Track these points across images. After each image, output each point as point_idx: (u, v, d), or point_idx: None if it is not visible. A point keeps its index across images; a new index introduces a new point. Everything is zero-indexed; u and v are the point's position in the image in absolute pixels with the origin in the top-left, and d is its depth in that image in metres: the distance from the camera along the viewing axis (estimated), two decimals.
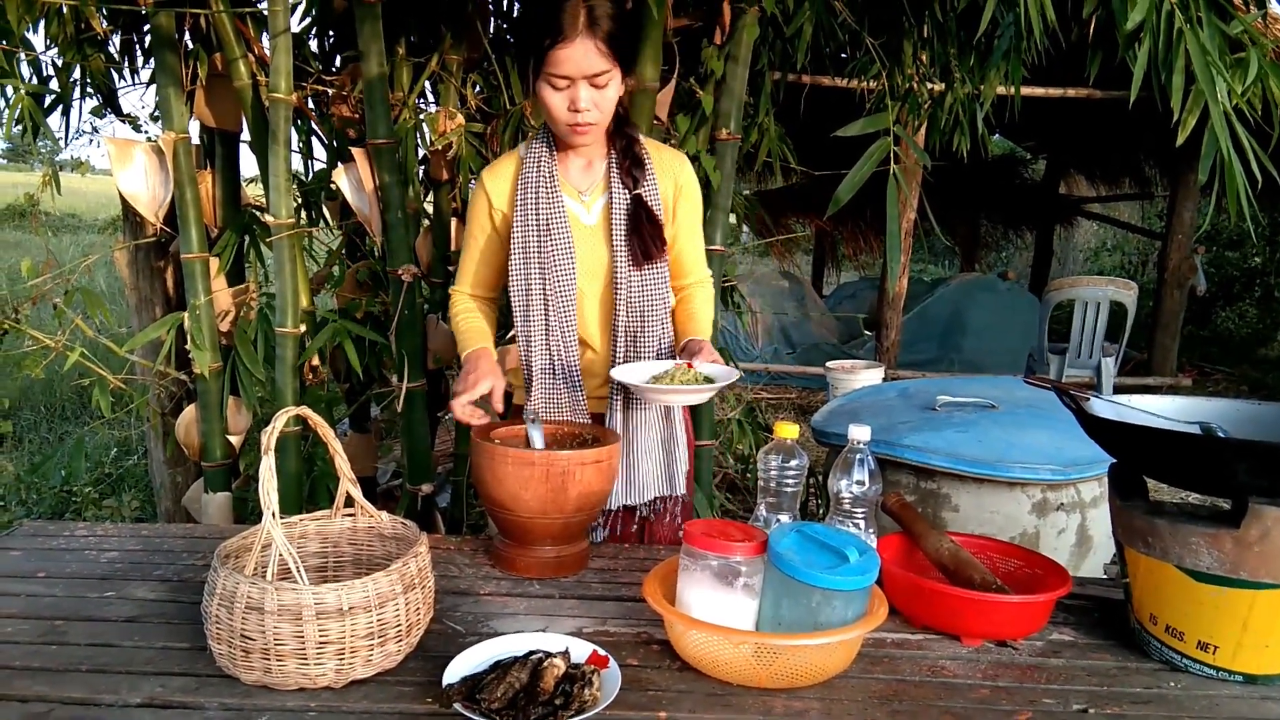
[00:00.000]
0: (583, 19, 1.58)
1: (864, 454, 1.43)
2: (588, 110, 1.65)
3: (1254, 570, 1.19)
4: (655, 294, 1.79)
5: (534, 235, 1.76)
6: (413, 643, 1.27)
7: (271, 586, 1.15)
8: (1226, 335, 9.93)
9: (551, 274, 1.76)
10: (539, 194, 1.76)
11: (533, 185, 1.77)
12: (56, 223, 14.87)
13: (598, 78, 1.62)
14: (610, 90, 1.66)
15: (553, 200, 1.76)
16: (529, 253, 1.77)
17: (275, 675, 1.16)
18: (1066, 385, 1.43)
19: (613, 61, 1.63)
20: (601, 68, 1.61)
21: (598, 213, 1.80)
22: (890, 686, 1.23)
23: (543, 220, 1.76)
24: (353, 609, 1.17)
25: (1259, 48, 1.81)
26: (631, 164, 1.77)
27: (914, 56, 2.79)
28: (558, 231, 1.76)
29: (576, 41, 1.59)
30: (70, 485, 4.21)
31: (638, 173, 1.77)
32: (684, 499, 1.92)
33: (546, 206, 1.76)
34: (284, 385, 2.44)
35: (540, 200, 1.76)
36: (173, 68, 2.47)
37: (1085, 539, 2.29)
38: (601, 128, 1.72)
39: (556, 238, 1.76)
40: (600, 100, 1.66)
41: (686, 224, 1.87)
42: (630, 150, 1.78)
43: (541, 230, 1.76)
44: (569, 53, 1.59)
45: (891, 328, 6.37)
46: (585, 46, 1.59)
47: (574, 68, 1.61)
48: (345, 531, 1.46)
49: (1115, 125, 7.24)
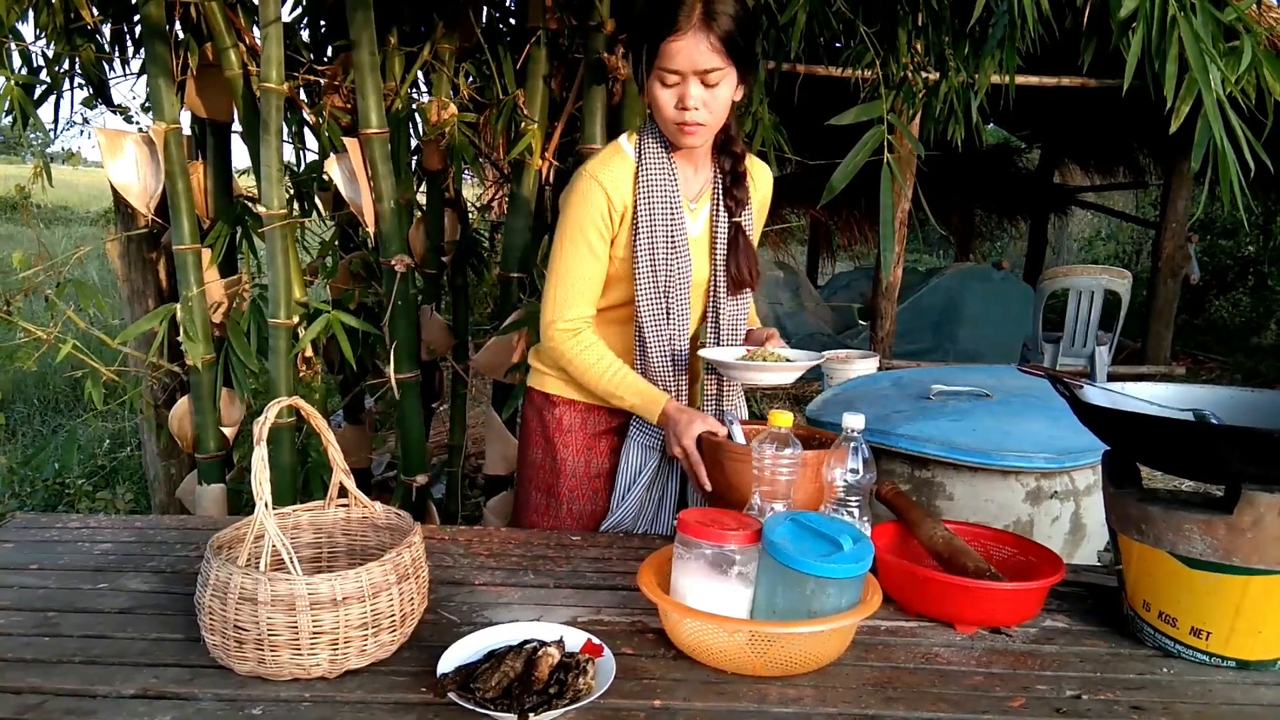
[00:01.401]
0: (699, 12, 1.52)
1: (859, 443, 1.43)
2: (697, 109, 1.58)
3: (1247, 556, 1.20)
4: (743, 313, 1.82)
5: (661, 240, 1.69)
6: (407, 633, 1.26)
7: (265, 577, 1.14)
8: (1220, 324, 9.96)
9: (674, 284, 1.71)
10: (663, 199, 1.69)
11: (657, 189, 1.68)
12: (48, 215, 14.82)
13: (709, 74, 1.55)
14: (723, 90, 1.59)
15: (674, 207, 1.70)
16: (655, 259, 1.70)
17: (269, 666, 1.16)
18: (1061, 373, 1.44)
19: (727, 60, 1.55)
20: (714, 64, 1.54)
21: (702, 223, 1.77)
22: (884, 674, 1.23)
23: (668, 227, 1.69)
24: (346, 599, 1.16)
25: (1252, 36, 1.80)
26: (735, 186, 1.74)
27: (908, 45, 2.78)
28: (679, 240, 1.70)
29: (689, 35, 1.52)
30: (63, 477, 4.20)
31: (741, 195, 1.74)
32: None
33: (670, 214, 1.69)
34: (277, 377, 2.43)
35: (665, 206, 1.69)
36: (163, 58, 2.45)
37: (1079, 526, 2.29)
38: (711, 129, 1.64)
39: (678, 246, 1.70)
40: (711, 100, 1.59)
41: (758, 232, 1.87)
42: (735, 170, 1.74)
43: (667, 237, 1.69)
44: (681, 46, 1.53)
45: (886, 317, 6.37)
46: (698, 40, 1.53)
47: (686, 62, 1.54)
48: (339, 522, 1.46)
49: (1109, 114, 7.25)
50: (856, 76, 2.95)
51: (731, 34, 1.54)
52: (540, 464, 1.89)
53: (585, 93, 2.53)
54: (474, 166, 2.85)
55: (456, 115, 2.56)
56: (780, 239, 10.51)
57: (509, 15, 2.99)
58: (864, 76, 2.90)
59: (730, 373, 1.75)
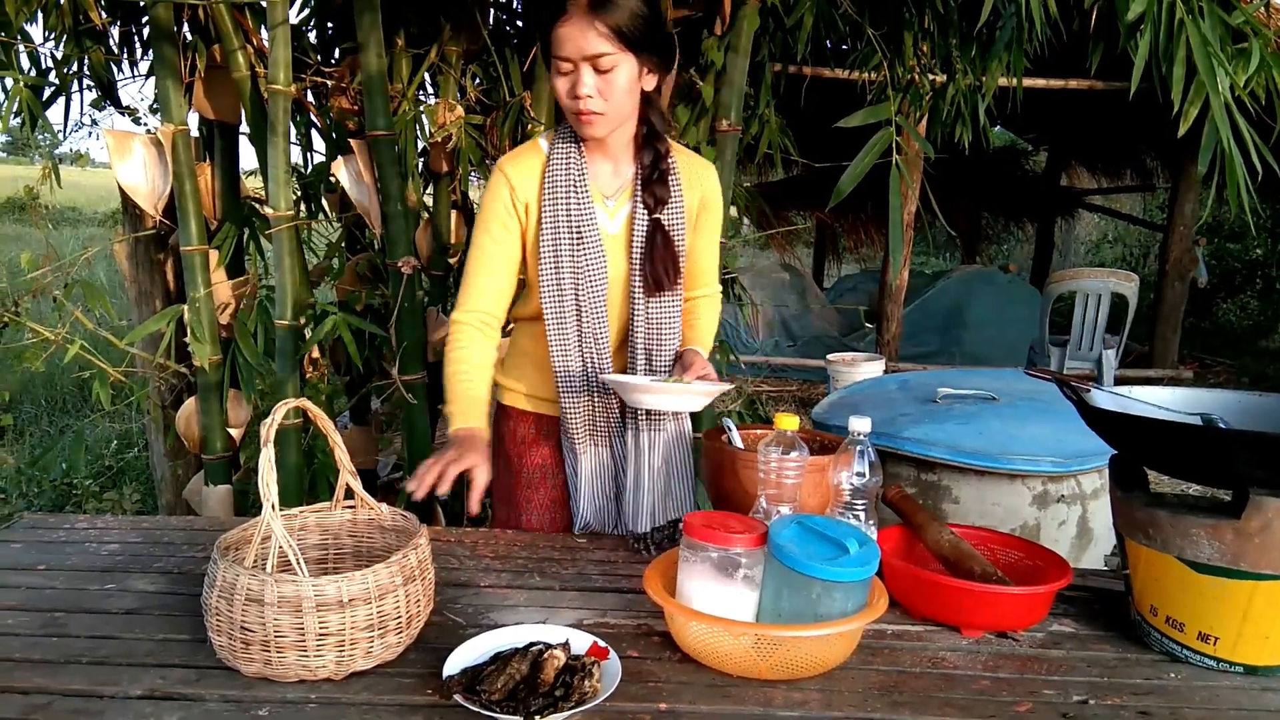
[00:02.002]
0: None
1: (865, 446, 1.43)
2: (590, 97, 1.53)
3: (1254, 561, 1.19)
4: (669, 318, 1.73)
5: (565, 238, 1.65)
6: (413, 634, 1.26)
7: (271, 578, 1.14)
8: (1228, 327, 9.93)
9: (585, 283, 1.66)
10: (570, 193, 1.65)
11: (563, 183, 1.65)
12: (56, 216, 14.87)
13: (599, 60, 1.50)
14: (619, 77, 1.53)
15: (583, 202, 1.65)
16: (561, 258, 1.66)
17: (275, 667, 1.16)
18: (1067, 377, 1.43)
19: (619, 46, 1.50)
20: (602, 49, 1.49)
21: (621, 222, 1.70)
22: (890, 678, 1.23)
23: (574, 223, 1.65)
24: (353, 601, 1.16)
25: (1260, 39, 1.80)
26: (656, 182, 1.66)
27: (915, 47, 2.78)
28: (590, 237, 1.65)
29: (575, 21, 1.49)
30: (70, 478, 4.21)
31: (661, 192, 1.66)
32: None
33: (578, 208, 1.65)
34: (284, 378, 2.44)
35: (571, 200, 1.65)
36: (171, 60, 2.46)
37: (1086, 531, 2.29)
38: (612, 119, 1.58)
39: (589, 243, 1.65)
40: (605, 87, 1.53)
41: (706, 237, 1.79)
42: (657, 164, 1.67)
43: (574, 233, 1.65)
44: (568, 32, 1.49)
45: (892, 320, 6.36)
46: (585, 26, 1.48)
47: (574, 49, 1.50)
48: (345, 524, 1.46)
49: (1117, 117, 7.23)
50: (863, 79, 2.95)
51: (621, 20, 1.49)
52: (501, 475, 1.85)
53: None
54: (480, 168, 2.85)
55: (463, 117, 2.57)
56: (786, 241, 10.51)
57: (516, 17, 2.99)
58: (871, 79, 2.90)
59: (622, 393, 1.66)
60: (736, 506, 1.58)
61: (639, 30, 1.51)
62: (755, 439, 1.75)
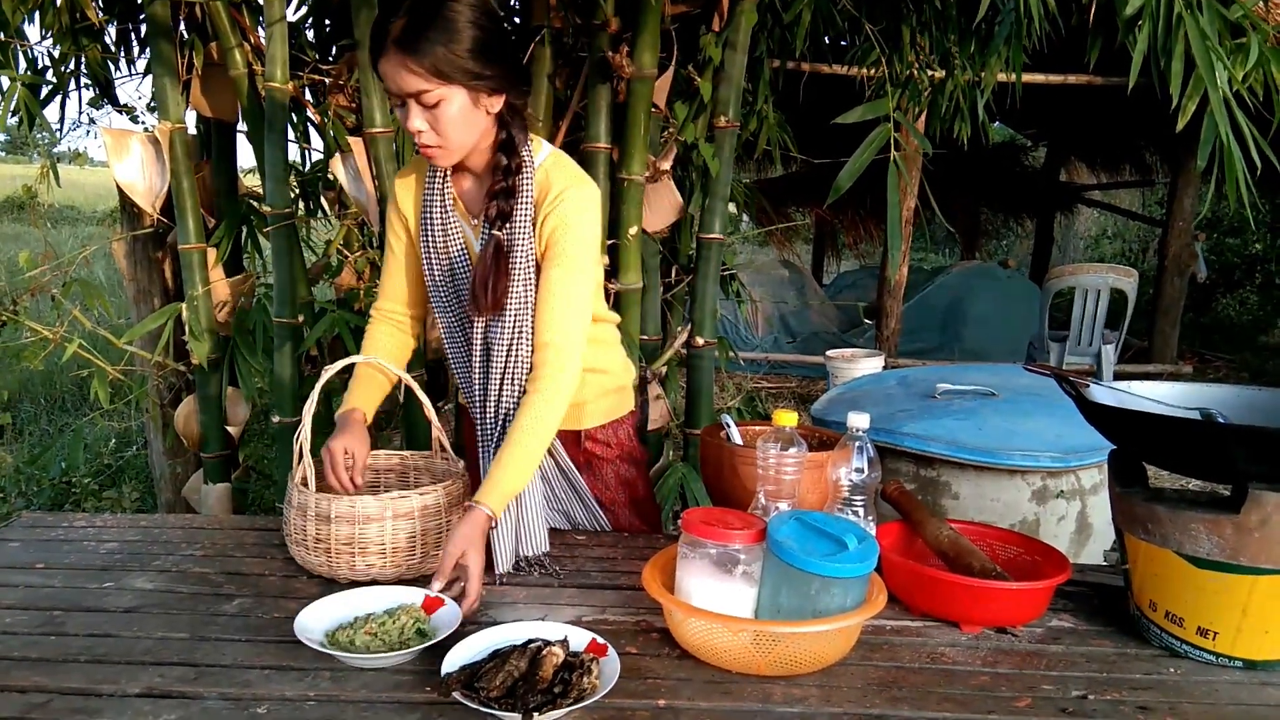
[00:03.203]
0: (393, 31, 1.39)
1: (863, 442, 1.43)
2: (422, 132, 1.46)
3: (1254, 556, 1.19)
4: (502, 341, 1.58)
5: (435, 253, 1.63)
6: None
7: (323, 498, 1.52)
8: (1227, 322, 9.93)
9: (455, 304, 1.64)
10: (438, 216, 1.61)
11: (436, 205, 1.61)
12: (55, 214, 14.86)
13: (421, 96, 1.42)
14: (448, 110, 1.43)
15: (447, 224, 1.61)
16: (434, 272, 1.64)
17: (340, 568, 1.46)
18: (1066, 372, 1.43)
19: (437, 81, 1.40)
20: (420, 87, 1.41)
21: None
22: (889, 673, 1.23)
23: (441, 246, 1.62)
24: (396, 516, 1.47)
25: (1259, 33, 1.80)
26: (499, 195, 1.55)
27: (913, 43, 2.78)
28: (458, 259, 1.62)
29: (391, 59, 1.41)
30: (69, 476, 4.21)
31: (502, 206, 1.55)
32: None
33: (441, 225, 1.61)
34: (283, 376, 2.43)
35: (436, 223, 1.61)
36: (168, 57, 2.46)
37: (1085, 526, 2.29)
38: (452, 149, 1.49)
39: (458, 266, 1.62)
40: (435, 121, 1.44)
41: (553, 272, 1.56)
42: (505, 178, 1.55)
43: (442, 256, 1.63)
44: (386, 69, 1.42)
45: (891, 316, 6.36)
46: (398, 66, 1.40)
47: (394, 85, 1.43)
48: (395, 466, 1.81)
49: (1115, 112, 7.22)
50: (862, 75, 2.95)
51: (433, 57, 1.39)
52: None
53: (590, 91, 2.53)
54: None
55: None
56: (785, 238, 10.51)
57: (513, 13, 2.99)
58: (869, 75, 2.90)
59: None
60: (735, 502, 1.58)
61: (457, 63, 1.41)
62: (754, 435, 1.76)
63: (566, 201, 1.54)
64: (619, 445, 1.83)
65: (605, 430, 1.81)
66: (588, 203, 1.57)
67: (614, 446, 1.83)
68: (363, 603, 1.35)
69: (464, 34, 1.41)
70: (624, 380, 1.85)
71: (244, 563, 1.58)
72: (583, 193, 1.56)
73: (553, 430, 1.54)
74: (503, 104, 1.51)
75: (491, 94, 1.48)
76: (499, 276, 1.54)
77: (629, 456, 1.85)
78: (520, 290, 1.56)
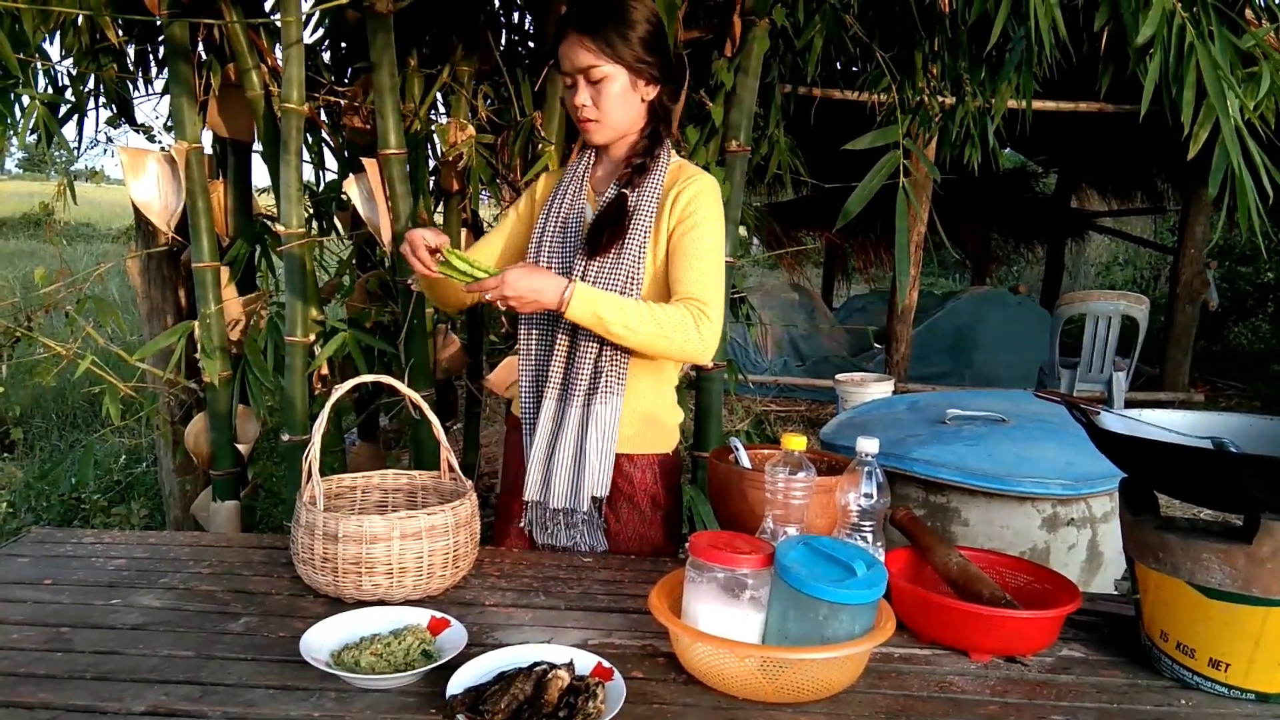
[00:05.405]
0: (574, 13, 1.66)
1: (873, 467, 1.43)
2: (584, 106, 1.69)
3: (1266, 587, 1.18)
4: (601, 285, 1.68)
5: (550, 226, 1.79)
6: (459, 573, 1.55)
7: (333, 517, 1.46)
8: (1239, 350, 9.87)
9: (559, 257, 1.77)
10: (567, 191, 1.81)
11: (565, 182, 1.83)
12: (71, 231, 15.00)
13: (589, 71, 1.66)
14: (611, 88, 1.68)
15: (575, 199, 1.80)
16: (540, 241, 1.79)
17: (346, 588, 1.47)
18: (1077, 399, 1.43)
19: (606, 59, 1.65)
20: (590, 62, 1.65)
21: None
22: (898, 702, 1.22)
23: (559, 215, 1.79)
24: (403, 536, 1.47)
25: (1270, 62, 1.80)
26: (636, 169, 1.75)
27: (924, 69, 2.79)
28: (572, 228, 1.78)
29: (569, 38, 1.66)
30: (79, 492, 4.22)
31: (637, 175, 1.75)
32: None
33: (568, 204, 1.80)
34: (293, 394, 2.44)
35: (565, 197, 1.81)
36: (186, 78, 2.49)
37: (1096, 554, 2.27)
38: (610, 128, 1.73)
39: (571, 234, 1.77)
40: (599, 98, 1.68)
41: (681, 247, 1.70)
42: (644, 154, 1.76)
43: (555, 224, 1.79)
44: (564, 49, 1.67)
45: (901, 341, 6.35)
46: (574, 43, 1.65)
47: (568, 63, 1.68)
48: (404, 486, 1.81)
49: (1127, 139, 7.23)
50: (873, 100, 2.96)
51: (607, 36, 1.64)
52: (505, 485, 1.95)
53: None
54: (491, 187, 2.87)
55: (474, 136, 2.58)
56: (796, 261, 10.52)
57: (527, 38, 3.02)
58: (880, 100, 2.91)
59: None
60: (743, 527, 1.57)
61: (625, 47, 1.65)
62: (763, 459, 1.75)
63: (700, 179, 1.75)
64: (641, 483, 1.82)
65: (632, 461, 1.81)
66: (717, 188, 1.77)
67: (635, 483, 1.81)
68: (369, 623, 1.35)
69: (636, 24, 1.66)
70: (668, 420, 1.86)
71: (251, 581, 1.58)
72: (712, 180, 1.76)
73: (664, 334, 1.63)
74: (656, 96, 1.74)
75: (649, 83, 1.72)
76: (617, 227, 1.71)
77: (649, 497, 1.83)
78: (632, 252, 1.70)
